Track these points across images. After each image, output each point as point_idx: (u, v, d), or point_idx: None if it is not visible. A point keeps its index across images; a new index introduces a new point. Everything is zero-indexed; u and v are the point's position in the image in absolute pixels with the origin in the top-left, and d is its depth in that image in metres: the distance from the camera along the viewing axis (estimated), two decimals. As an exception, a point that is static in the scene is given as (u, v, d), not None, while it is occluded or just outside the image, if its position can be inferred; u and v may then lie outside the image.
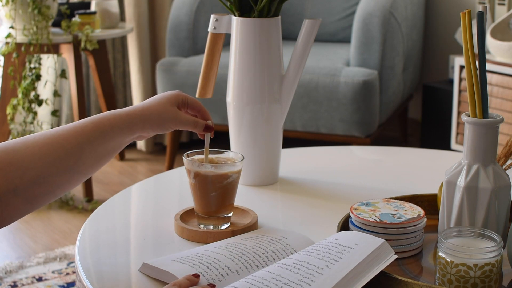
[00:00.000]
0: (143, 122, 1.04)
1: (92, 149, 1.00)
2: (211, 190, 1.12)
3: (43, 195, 0.98)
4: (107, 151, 1.02)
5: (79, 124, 1.01)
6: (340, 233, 1.00)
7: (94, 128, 1.01)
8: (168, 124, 1.07)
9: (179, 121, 1.08)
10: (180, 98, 1.09)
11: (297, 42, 1.35)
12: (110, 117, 1.03)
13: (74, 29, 2.91)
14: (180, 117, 1.08)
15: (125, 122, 1.03)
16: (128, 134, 1.04)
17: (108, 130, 1.01)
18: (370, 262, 0.92)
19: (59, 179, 0.98)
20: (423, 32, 3.52)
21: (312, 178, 1.42)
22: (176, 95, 1.09)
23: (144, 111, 1.05)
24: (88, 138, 1.00)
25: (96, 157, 1.01)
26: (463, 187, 1.03)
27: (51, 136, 0.99)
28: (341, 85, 2.90)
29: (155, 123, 1.05)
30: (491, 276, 0.94)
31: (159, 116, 1.06)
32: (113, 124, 1.02)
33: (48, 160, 0.97)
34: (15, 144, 0.97)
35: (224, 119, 3.01)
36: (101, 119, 1.02)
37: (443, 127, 3.22)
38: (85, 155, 0.99)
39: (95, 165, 1.02)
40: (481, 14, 1.02)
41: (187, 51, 3.21)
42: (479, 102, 1.04)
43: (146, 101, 1.08)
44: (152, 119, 1.05)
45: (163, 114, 1.06)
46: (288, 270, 0.90)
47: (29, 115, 2.88)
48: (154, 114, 1.05)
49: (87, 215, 2.81)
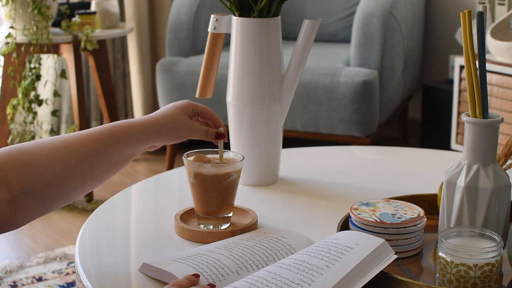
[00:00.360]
0: (158, 132, 1.07)
1: (107, 155, 1.02)
2: (211, 190, 1.12)
3: (56, 197, 0.98)
4: (121, 158, 1.04)
5: (95, 131, 1.03)
6: (340, 233, 1.00)
7: (109, 134, 1.03)
8: (182, 133, 1.09)
9: (192, 131, 1.10)
10: (191, 107, 1.12)
11: (297, 42, 1.35)
12: (125, 126, 1.05)
13: (74, 29, 2.91)
14: (193, 127, 1.11)
15: (141, 131, 1.05)
16: (142, 143, 1.06)
17: (123, 137, 1.04)
18: (370, 262, 0.92)
19: (74, 182, 0.99)
20: (423, 32, 3.52)
21: (312, 178, 1.42)
22: (187, 104, 1.12)
23: (159, 121, 1.07)
24: (104, 144, 1.02)
25: (110, 163, 1.03)
26: (463, 187, 1.03)
27: (67, 140, 1.00)
28: (341, 85, 2.90)
29: (169, 133, 1.08)
30: (491, 276, 0.94)
31: (172, 125, 1.08)
32: (128, 132, 1.04)
33: (64, 163, 0.98)
34: (31, 145, 0.98)
35: (224, 119, 3.00)
36: (117, 127, 1.04)
37: (443, 127, 3.22)
38: (100, 160, 1.01)
39: (108, 171, 1.04)
40: (481, 14, 1.02)
41: (187, 51, 3.21)
42: (479, 102, 1.04)
43: (159, 111, 1.10)
44: (166, 129, 1.08)
45: (176, 123, 1.09)
46: (288, 270, 0.90)
47: (29, 115, 2.87)
48: (168, 124, 1.08)
49: (87, 215, 2.81)
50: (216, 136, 1.14)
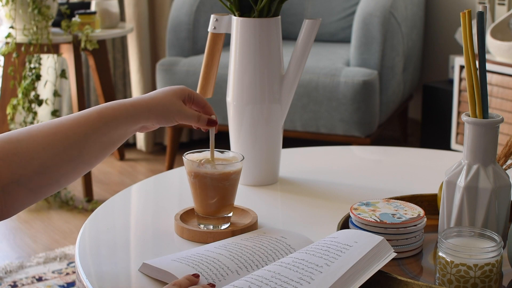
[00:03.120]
0: (148, 112, 1.05)
1: (96, 138, 1.00)
2: (211, 190, 1.12)
3: (47, 185, 0.97)
4: (112, 140, 1.02)
5: (83, 114, 1.01)
6: (339, 232, 1.00)
7: (98, 117, 1.01)
8: (173, 116, 1.08)
9: (184, 115, 1.09)
10: (186, 92, 1.10)
11: (297, 42, 1.35)
12: (115, 107, 1.03)
13: (74, 29, 2.91)
14: (185, 111, 1.09)
15: (130, 112, 1.03)
16: (132, 124, 1.04)
17: (112, 119, 1.02)
18: (369, 259, 0.92)
19: (64, 169, 0.98)
20: (423, 32, 3.52)
21: (312, 178, 1.42)
22: (182, 89, 1.10)
23: (150, 102, 1.06)
24: (92, 127, 1.00)
25: (100, 146, 1.01)
26: (463, 187, 1.03)
27: (55, 126, 0.99)
28: (341, 85, 2.90)
29: (160, 114, 1.06)
30: (491, 276, 0.94)
31: (164, 107, 1.06)
32: (118, 113, 1.02)
33: (53, 150, 0.97)
34: (19, 134, 0.96)
35: (224, 119, 3.00)
36: (106, 109, 1.02)
37: (443, 127, 3.22)
38: (89, 145, 1.00)
39: (99, 155, 1.02)
40: (481, 14, 1.02)
41: (187, 51, 3.21)
42: (479, 102, 1.04)
43: (152, 92, 1.08)
44: (157, 110, 1.06)
45: (168, 106, 1.07)
46: (288, 269, 0.90)
47: (29, 115, 2.87)
48: (159, 105, 1.06)
49: (87, 215, 2.81)
50: (208, 122, 1.12)
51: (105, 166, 3.39)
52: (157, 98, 1.07)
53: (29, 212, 2.86)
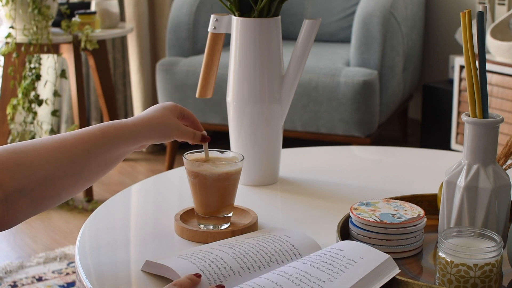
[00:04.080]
0: (150, 131, 1.08)
1: (98, 155, 1.03)
2: (211, 190, 1.12)
3: (48, 197, 0.99)
4: (112, 158, 1.05)
5: (87, 131, 1.04)
6: (346, 243, 0.99)
7: (101, 135, 1.03)
8: (172, 134, 1.11)
9: (181, 131, 1.12)
10: (178, 109, 1.13)
11: (297, 42, 1.35)
12: (117, 126, 1.06)
13: (74, 29, 2.91)
14: (182, 128, 1.12)
15: (132, 132, 1.06)
16: (133, 143, 1.07)
17: (114, 138, 1.04)
18: (373, 277, 0.92)
19: (66, 182, 1.00)
20: (423, 32, 3.52)
21: (312, 178, 1.42)
22: (175, 106, 1.13)
23: (151, 121, 1.09)
24: (95, 144, 1.02)
25: (101, 163, 1.04)
26: (463, 187, 1.03)
27: (59, 140, 1.01)
28: (341, 85, 2.90)
29: (160, 132, 1.09)
30: (491, 276, 0.94)
31: (164, 126, 1.10)
32: (120, 133, 1.05)
33: (56, 164, 0.99)
34: (23, 145, 0.99)
35: (224, 119, 3.01)
36: (109, 127, 1.05)
37: (443, 127, 3.22)
38: (90, 161, 1.02)
39: (100, 171, 1.04)
40: (481, 14, 1.02)
41: (187, 51, 3.21)
42: (479, 102, 1.04)
43: (149, 111, 1.11)
44: (158, 129, 1.09)
45: (168, 124, 1.10)
46: (290, 281, 0.90)
47: (29, 115, 2.87)
48: (160, 124, 1.09)
49: (87, 215, 2.81)
50: (202, 139, 1.15)
51: (105, 166, 3.39)
52: (157, 117, 1.09)
53: (29, 212, 2.86)
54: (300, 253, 1.03)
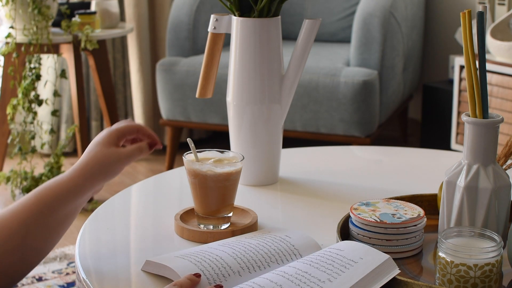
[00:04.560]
0: (89, 180, 1.00)
1: (37, 223, 0.97)
2: (211, 190, 1.12)
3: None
4: (59, 220, 0.99)
5: (22, 201, 0.98)
6: (346, 243, 0.99)
7: (36, 202, 0.97)
8: (114, 168, 1.01)
9: (124, 159, 1.02)
10: (113, 134, 1.03)
11: (297, 42, 1.35)
12: (53, 187, 0.99)
13: (74, 29, 2.91)
14: (122, 155, 1.02)
15: (69, 189, 0.99)
16: (75, 199, 1.00)
17: (52, 201, 0.98)
18: (373, 277, 0.92)
19: (7, 259, 0.95)
20: (423, 32, 3.52)
21: (312, 178, 1.42)
22: (108, 135, 1.03)
23: (85, 168, 1.00)
24: (31, 213, 0.96)
25: (46, 229, 0.97)
26: (463, 187, 1.03)
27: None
28: (341, 85, 2.90)
29: (101, 175, 1.01)
30: (491, 276, 0.94)
31: (101, 165, 1.00)
32: (58, 193, 0.98)
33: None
34: None
35: (224, 119, 3.01)
36: (44, 191, 0.98)
37: (443, 127, 3.22)
38: (31, 231, 0.96)
39: (49, 237, 0.98)
40: (481, 14, 1.02)
41: (187, 51, 3.21)
42: (479, 102, 1.04)
43: (84, 156, 1.02)
44: (96, 173, 1.00)
45: (104, 160, 1.01)
46: (289, 281, 0.90)
47: (29, 115, 2.87)
48: (95, 167, 1.00)
49: (87, 215, 2.80)
50: (151, 147, 1.06)
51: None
52: (90, 159, 1.00)
53: (29, 212, 2.86)
54: (300, 253, 1.03)
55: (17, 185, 2.91)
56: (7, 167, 3.21)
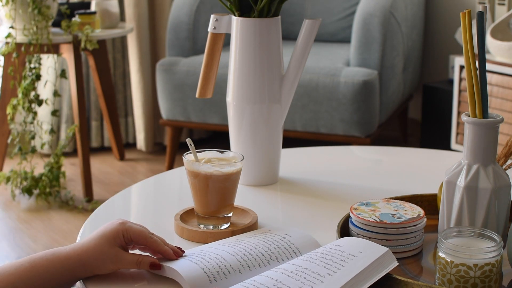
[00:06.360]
0: (82, 266, 0.98)
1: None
2: (211, 190, 1.12)
3: None
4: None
5: (15, 263, 0.97)
6: (345, 239, 1.00)
7: (29, 267, 0.96)
8: (108, 267, 0.99)
9: (120, 263, 0.99)
10: (121, 234, 0.99)
11: (297, 42, 1.35)
12: (48, 258, 0.97)
13: (74, 29, 2.91)
14: (121, 259, 0.99)
15: (64, 266, 0.97)
16: (67, 277, 0.98)
17: (44, 272, 0.96)
18: (372, 270, 0.92)
19: None
20: (423, 32, 3.52)
21: (312, 178, 1.42)
22: (116, 232, 0.99)
23: (82, 255, 0.98)
24: (21, 278, 0.95)
25: None
26: (463, 187, 1.03)
27: None
28: (341, 85, 2.90)
29: (95, 268, 0.98)
30: (491, 276, 0.94)
31: (97, 260, 0.98)
32: (50, 266, 0.97)
33: None
34: None
35: (224, 119, 3.01)
36: (40, 259, 0.97)
37: (443, 127, 3.22)
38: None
39: None
40: (481, 14, 1.02)
41: (187, 51, 3.21)
42: (479, 102, 1.04)
43: (86, 241, 1.00)
44: (91, 264, 0.98)
45: (101, 257, 0.98)
46: (290, 277, 0.90)
47: (29, 115, 2.87)
48: (91, 258, 0.98)
49: (87, 215, 2.81)
50: (151, 266, 0.99)
51: (105, 166, 3.39)
52: (89, 250, 0.98)
53: (29, 212, 2.86)
54: (300, 251, 1.03)
55: (17, 185, 2.91)
56: (7, 167, 3.21)
